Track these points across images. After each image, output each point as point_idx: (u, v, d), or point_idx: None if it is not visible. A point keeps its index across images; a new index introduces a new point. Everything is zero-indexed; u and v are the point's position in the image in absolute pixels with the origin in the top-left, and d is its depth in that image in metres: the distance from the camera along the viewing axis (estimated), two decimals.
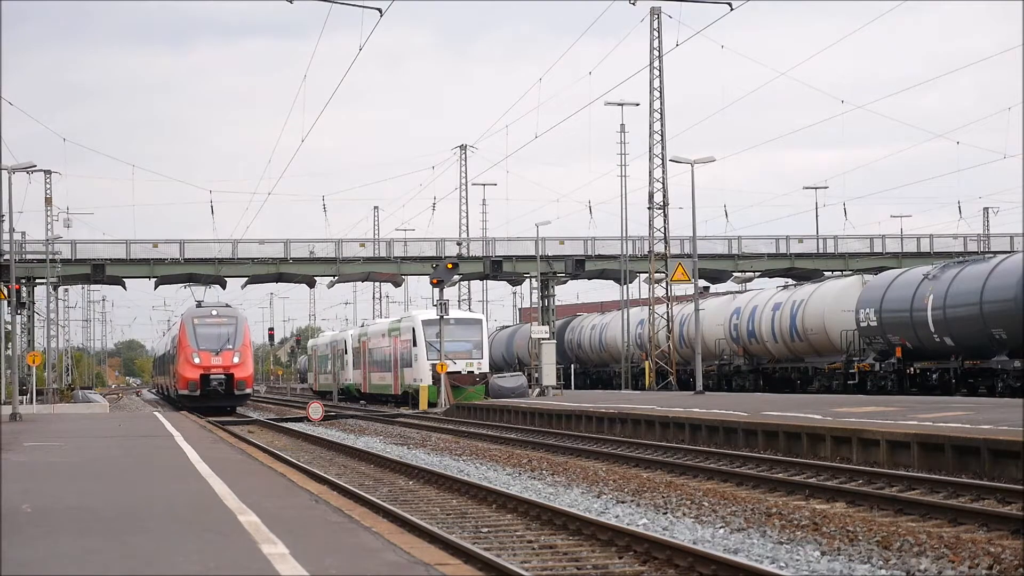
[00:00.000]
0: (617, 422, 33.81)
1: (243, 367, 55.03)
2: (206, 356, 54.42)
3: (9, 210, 49.71)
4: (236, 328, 55.48)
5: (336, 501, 13.83)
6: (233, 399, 55.43)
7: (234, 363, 54.58)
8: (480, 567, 11.37)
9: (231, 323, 55.59)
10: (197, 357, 54.26)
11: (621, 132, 69.11)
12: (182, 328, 56.18)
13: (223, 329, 55.12)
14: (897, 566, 12.41)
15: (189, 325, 55.39)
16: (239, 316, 56.86)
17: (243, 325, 56.25)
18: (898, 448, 21.63)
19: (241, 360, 54.97)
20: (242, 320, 56.69)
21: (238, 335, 55.28)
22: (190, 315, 56.60)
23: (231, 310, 57.64)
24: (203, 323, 55.30)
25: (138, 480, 17.24)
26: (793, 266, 77.88)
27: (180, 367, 55.65)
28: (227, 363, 54.47)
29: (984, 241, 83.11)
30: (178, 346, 57.07)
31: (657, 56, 57.53)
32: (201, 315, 56.23)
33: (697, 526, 15.25)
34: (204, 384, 54.07)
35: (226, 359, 54.54)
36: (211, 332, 54.94)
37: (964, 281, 40.25)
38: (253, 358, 59.57)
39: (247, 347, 56.02)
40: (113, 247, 76.17)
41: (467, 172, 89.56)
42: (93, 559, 9.91)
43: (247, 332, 56.36)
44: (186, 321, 56.10)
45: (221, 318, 55.80)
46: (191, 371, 54.27)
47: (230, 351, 54.69)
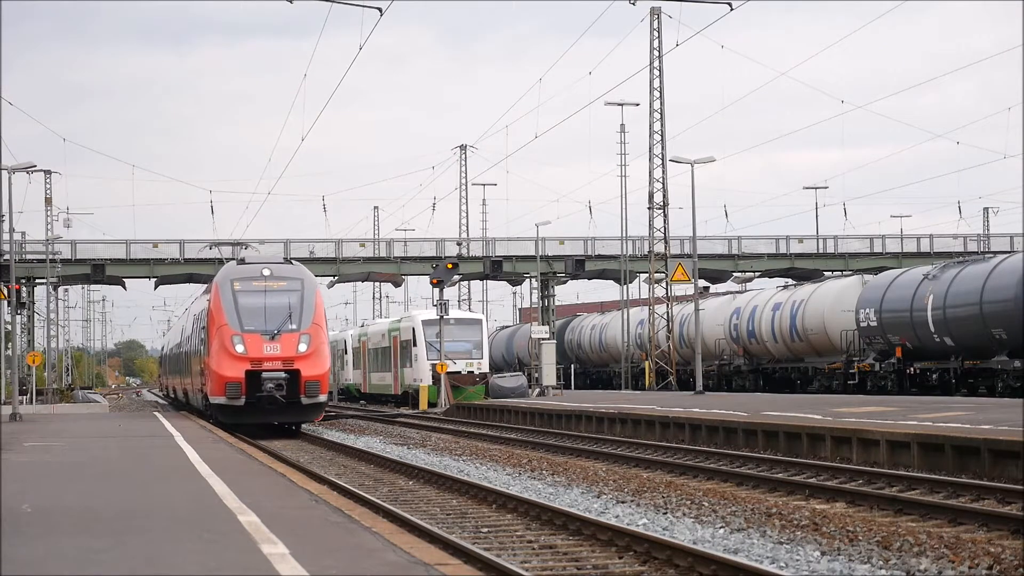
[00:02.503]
0: (617, 422, 33.80)
1: (315, 359, 35.18)
2: (255, 342, 34.86)
3: (9, 210, 49.72)
4: (303, 297, 35.83)
5: (336, 501, 13.83)
6: (299, 411, 35.42)
7: (300, 352, 34.91)
8: (480, 567, 11.36)
9: (294, 288, 36.08)
10: (240, 344, 34.81)
11: (621, 132, 69.14)
12: (215, 298, 36.14)
13: (282, 298, 35.81)
14: (897, 566, 12.40)
15: (227, 292, 35.79)
16: (305, 278, 36.75)
17: (313, 293, 36.34)
18: (898, 448, 21.62)
19: (312, 348, 35.12)
20: (311, 285, 36.56)
21: (306, 308, 35.62)
22: (229, 276, 36.36)
23: (294, 269, 37.28)
24: (250, 289, 35.87)
25: (138, 480, 17.24)
26: (793, 266, 77.87)
27: (213, 360, 35.35)
28: (289, 353, 34.87)
29: (984, 241, 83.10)
30: (208, 327, 36.37)
31: (657, 56, 57.52)
32: (246, 276, 36.26)
33: (697, 526, 15.24)
34: (252, 387, 34.55)
35: (288, 346, 35.02)
36: (263, 304, 35.72)
37: (964, 281, 40.24)
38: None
39: (320, 328, 35.78)
40: (113, 247, 76.18)
41: (467, 172, 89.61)
42: (93, 559, 9.91)
43: (319, 304, 36.35)
44: (222, 286, 36.05)
45: (279, 280, 36.34)
46: (231, 367, 34.74)
47: (294, 333, 35.09)
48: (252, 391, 34.47)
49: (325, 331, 35.96)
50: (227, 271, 36.86)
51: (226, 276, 36.41)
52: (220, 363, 34.91)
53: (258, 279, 36.03)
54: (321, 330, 35.52)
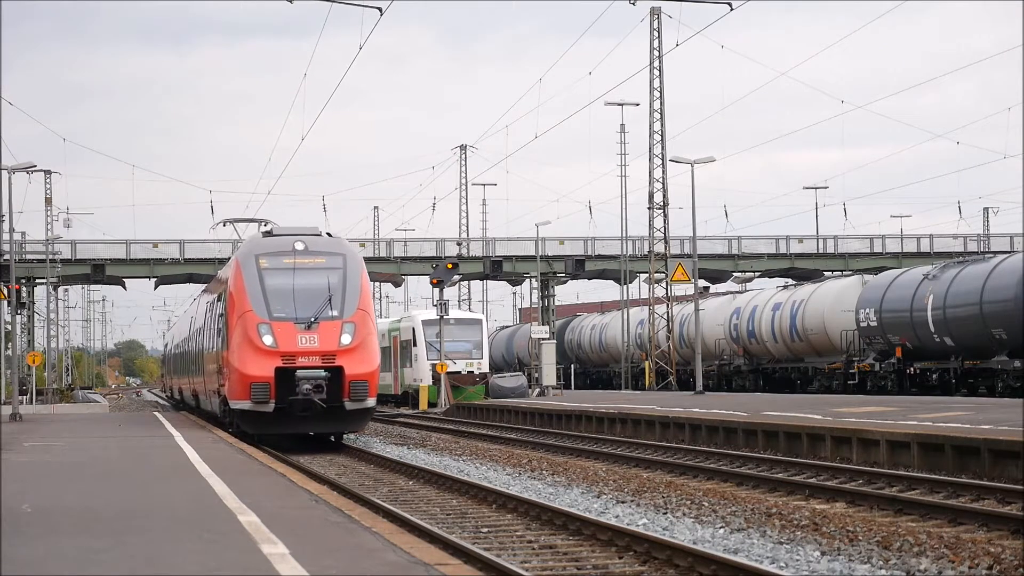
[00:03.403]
0: (617, 422, 33.80)
1: (361, 354, 28.59)
2: (287, 333, 28.21)
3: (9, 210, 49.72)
4: (345, 276, 29.17)
5: (336, 501, 13.83)
6: (341, 418, 28.77)
7: (343, 345, 28.28)
8: (480, 567, 11.36)
9: (335, 265, 29.40)
10: (269, 335, 28.16)
11: (621, 132, 69.16)
12: (237, 278, 29.27)
13: (320, 277, 29.08)
14: (897, 566, 12.40)
15: (251, 271, 29.01)
16: (348, 253, 30.05)
17: (358, 271, 29.55)
18: (898, 448, 21.62)
19: (357, 340, 28.47)
20: (355, 262, 29.84)
21: (349, 289, 29.00)
22: (253, 251, 29.54)
23: (334, 242, 30.43)
24: (279, 266, 29.13)
25: (138, 480, 17.24)
26: (793, 266, 77.88)
27: (234, 356, 28.67)
28: (330, 345, 28.26)
29: (984, 241, 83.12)
30: (228, 314, 29.61)
31: (657, 56, 57.53)
32: (275, 251, 29.45)
33: (697, 526, 15.24)
34: (284, 389, 27.95)
35: (327, 338, 28.31)
36: (296, 284, 29.02)
37: (964, 281, 40.25)
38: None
39: (367, 315, 29.18)
40: (113, 247, 76.20)
41: (467, 172, 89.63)
42: (93, 559, 9.91)
43: (365, 285, 29.68)
44: (245, 263, 29.27)
45: (315, 255, 29.54)
46: (257, 363, 28.05)
47: (335, 321, 28.48)
48: (283, 394, 27.51)
49: (373, 319, 29.10)
50: (251, 245, 29.61)
51: (250, 251, 29.10)
52: (243, 359, 27.81)
53: (290, 254, 28.96)
54: (368, 317, 28.60)
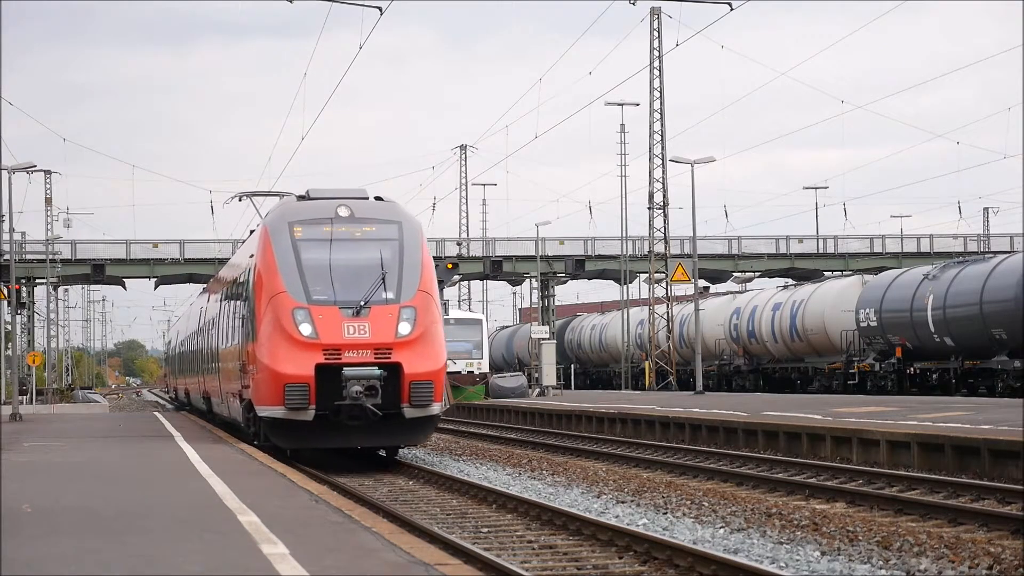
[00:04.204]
0: (617, 422, 33.80)
1: (424, 347, 22.74)
2: (331, 321, 22.46)
3: (9, 210, 49.77)
4: (402, 249, 23.44)
5: (336, 501, 13.83)
6: (400, 429, 22.98)
7: (401, 336, 22.51)
8: (480, 567, 11.36)
9: (389, 235, 23.62)
10: (308, 324, 22.40)
11: (621, 132, 69.15)
12: (265, 252, 23.53)
13: (371, 250, 23.35)
14: (897, 566, 12.40)
15: (283, 243, 23.30)
16: (405, 220, 24.05)
17: (418, 243, 23.75)
18: (898, 448, 21.63)
19: (419, 329, 22.67)
20: (414, 231, 23.91)
21: (407, 266, 23.26)
22: (286, 218, 23.74)
23: (387, 207, 24.32)
24: (319, 236, 23.40)
25: (138, 480, 17.24)
26: (793, 266, 77.89)
27: (263, 349, 22.81)
28: (385, 336, 22.48)
29: (984, 241, 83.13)
30: (255, 297, 23.68)
31: (657, 56, 57.52)
32: (314, 217, 23.68)
33: (697, 526, 15.25)
34: (327, 391, 22.15)
35: (382, 327, 22.54)
36: (341, 260, 23.18)
37: (964, 281, 40.25)
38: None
39: (431, 298, 23.30)
40: (113, 247, 76.20)
41: (467, 172, 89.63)
42: (93, 559, 9.91)
43: (427, 261, 23.73)
44: (275, 234, 23.51)
45: (365, 223, 23.73)
46: (293, 359, 22.29)
47: (391, 306, 22.72)
48: (326, 398, 21.74)
49: (438, 303, 23.28)
50: (283, 211, 23.64)
51: (282, 218, 23.29)
52: (275, 353, 22.00)
53: (332, 221, 23.10)
54: (432, 301, 22.74)
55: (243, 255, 27.39)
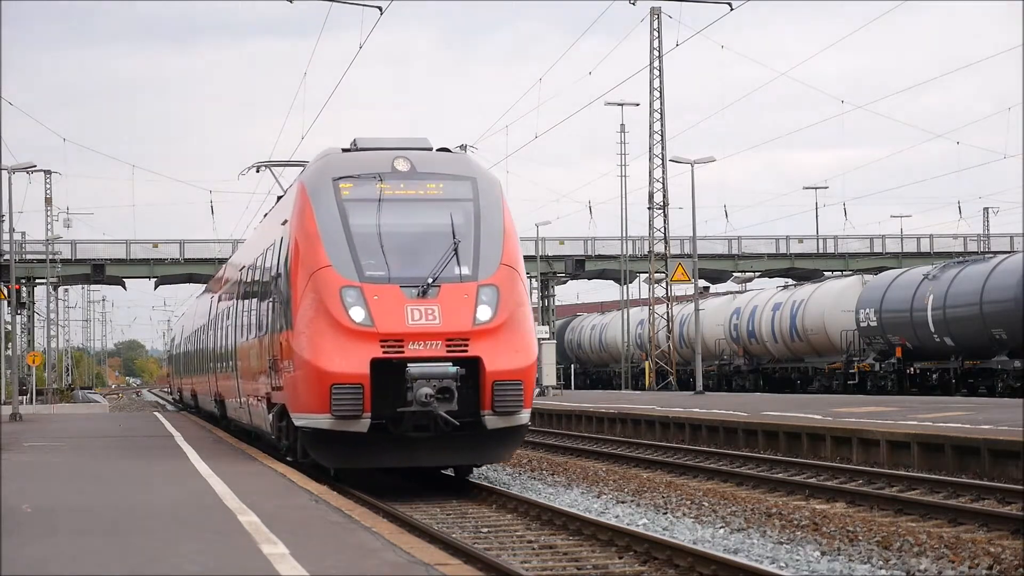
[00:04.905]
0: (617, 422, 33.80)
1: (509, 337, 17.83)
2: (390, 302, 17.60)
3: (9, 210, 49.80)
4: (477, 212, 18.68)
5: (336, 501, 13.82)
6: (480, 443, 17.94)
7: (480, 323, 17.68)
8: (480, 567, 11.36)
9: (461, 195, 18.87)
10: (360, 307, 17.54)
11: (621, 132, 69.23)
12: (302, 216, 18.53)
13: (438, 214, 18.61)
14: (897, 566, 12.41)
15: (327, 203, 18.44)
16: (479, 176, 19.23)
17: (498, 206, 18.97)
18: (898, 448, 21.63)
19: (503, 315, 17.83)
20: (491, 190, 19.06)
21: (486, 234, 18.52)
22: (329, 174, 18.79)
23: (456, 159, 19.67)
24: (372, 196, 18.56)
25: (138, 480, 17.24)
26: (793, 266, 77.93)
27: (302, 341, 17.83)
28: (459, 324, 17.61)
29: (984, 241, 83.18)
30: (290, 274, 18.52)
31: (657, 56, 57.53)
32: (366, 171, 18.80)
33: (697, 526, 15.25)
34: (385, 394, 17.31)
35: (455, 312, 17.68)
36: (400, 226, 18.49)
37: (964, 281, 40.27)
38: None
39: (516, 273, 18.44)
40: (113, 247, 76.24)
41: None
42: (93, 559, 9.91)
43: (510, 228, 18.89)
44: (316, 193, 18.61)
45: (429, 180, 18.92)
46: (341, 352, 17.39)
47: (466, 285, 17.93)
48: (385, 402, 17.26)
49: (524, 281, 18.61)
50: (326, 164, 18.98)
51: (324, 173, 18.73)
52: (318, 345, 17.44)
53: (389, 177, 18.62)
54: (518, 279, 18.27)
55: (271, 225, 22.01)
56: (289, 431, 19.10)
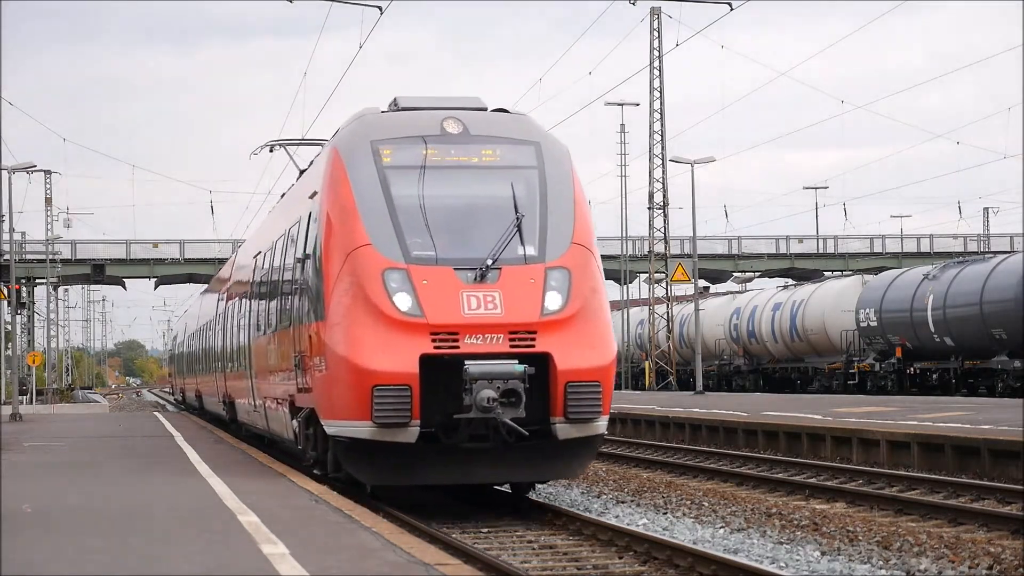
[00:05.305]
0: (617, 422, 33.79)
1: (584, 330, 15.21)
2: (442, 288, 14.98)
3: (9, 210, 49.85)
4: (543, 182, 15.93)
5: (336, 501, 13.82)
6: (552, 456, 15.34)
7: (549, 313, 15.04)
8: (480, 567, 11.36)
9: (523, 162, 16.14)
10: (406, 293, 14.89)
11: (621, 132, 69.25)
12: (337, 184, 15.77)
13: (497, 184, 15.92)
14: (897, 566, 12.41)
15: (365, 171, 15.72)
16: (544, 141, 16.40)
17: (567, 176, 16.13)
18: (898, 448, 21.63)
19: (575, 304, 15.18)
20: (558, 157, 16.26)
21: (554, 208, 15.77)
22: (368, 134, 16.12)
23: (516, 120, 16.77)
24: (418, 162, 15.85)
25: (138, 480, 17.23)
26: (793, 266, 77.96)
27: (336, 334, 15.10)
28: (523, 313, 14.97)
29: (984, 241, 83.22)
30: (323, 254, 15.69)
31: (657, 56, 57.54)
32: (411, 134, 16.12)
33: (697, 526, 15.25)
34: (437, 397, 14.73)
35: (518, 298, 15.05)
36: (453, 198, 15.90)
37: (964, 281, 40.28)
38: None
39: (589, 252, 15.69)
40: (113, 247, 76.29)
41: None
42: (93, 559, 9.91)
43: (580, 200, 16.07)
44: (351, 159, 15.86)
45: (485, 145, 16.18)
46: (384, 347, 14.70)
47: (532, 267, 15.30)
48: (437, 407, 14.83)
49: (599, 262, 16.03)
50: (363, 126, 16.41)
51: (362, 135, 16.19)
52: (357, 338, 14.93)
53: (438, 141, 16.09)
54: (591, 259, 15.75)
55: (294, 201, 19.30)
56: (318, 440, 16.42)
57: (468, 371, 14.45)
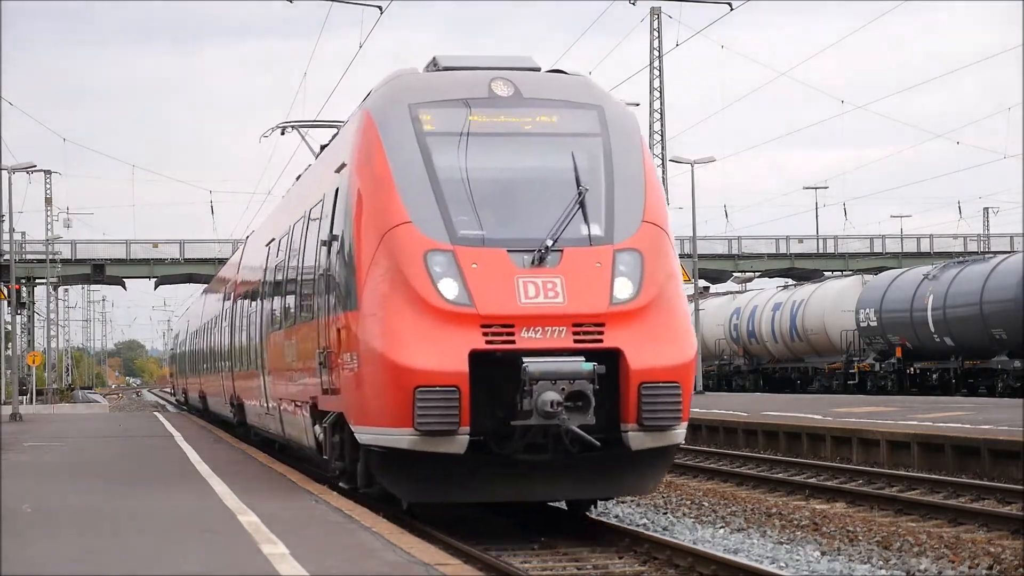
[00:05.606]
0: None
1: (659, 321, 13.22)
2: (495, 272, 13.03)
3: (9, 210, 49.89)
4: (608, 152, 13.96)
5: (336, 501, 13.81)
6: (623, 468, 13.37)
7: (618, 303, 13.05)
8: (480, 567, 11.35)
9: (584, 129, 14.15)
10: (452, 278, 12.95)
11: None
12: (371, 153, 13.74)
13: (555, 155, 13.97)
14: (897, 566, 12.41)
15: (404, 138, 13.74)
16: (606, 104, 14.43)
17: (635, 144, 14.20)
18: (898, 448, 21.63)
19: (649, 292, 13.21)
20: (623, 123, 14.34)
21: (620, 180, 13.80)
22: (404, 97, 14.13)
23: (574, 82, 14.82)
24: (463, 128, 13.88)
25: (138, 480, 17.23)
26: (793, 266, 77.96)
27: (371, 327, 13.07)
28: (588, 303, 12.99)
29: (984, 241, 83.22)
30: (353, 232, 13.69)
31: (657, 56, 57.54)
32: (454, 97, 14.15)
33: (697, 526, 15.25)
34: (487, 401, 12.76)
35: (583, 286, 13.07)
36: (505, 169, 14.07)
37: (964, 281, 40.28)
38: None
39: (663, 232, 13.78)
40: (113, 247, 76.28)
41: None
42: (93, 559, 9.91)
43: (651, 172, 14.15)
44: (387, 125, 13.85)
45: (540, 109, 14.21)
46: (427, 342, 12.75)
47: (598, 250, 13.33)
48: (488, 412, 12.95)
49: (671, 242, 14.18)
50: (400, 87, 14.53)
51: (397, 99, 14.30)
52: (395, 331, 13.05)
53: (485, 104, 14.20)
54: (666, 241, 13.97)
55: (317, 177, 17.22)
56: (346, 449, 14.48)
57: (527, 370, 12.45)
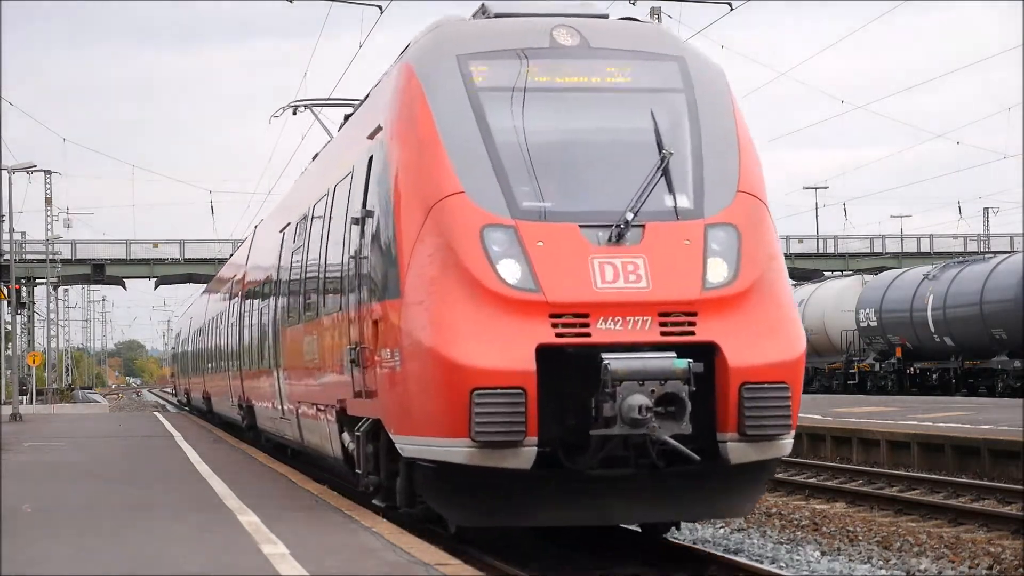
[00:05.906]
0: None
1: (760, 309, 10.86)
2: (565, 252, 10.71)
3: (9, 210, 49.88)
4: (695, 111, 11.63)
5: (336, 501, 13.81)
6: (719, 486, 10.94)
7: (712, 287, 10.74)
8: (480, 567, 11.35)
9: (664, 84, 11.85)
10: (513, 259, 10.64)
11: None
12: (415, 112, 11.36)
13: (632, 114, 11.72)
14: (897, 566, 12.41)
15: (453, 94, 11.38)
16: (689, 55, 12.10)
17: (725, 104, 11.88)
18: (898, 448, 21.63)
19: (749, 274, 10.89)
20: (710, 75, 12.06)
21: (708, 143, 11.48)
22: (452, 48, 11.75)
23: (648, 30, 12.86)
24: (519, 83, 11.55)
25: (138, 480, 17.23)
26: (793, 266, 77.94)
27: (417, 318, 10.72)
28: (677, 289, 10.68)
29: (984, 241, 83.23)
30: (392, 206, 11.28)
31: None
32: (511, 47, 11.76)
33: (697, 526, 15.25)
34: (558, 405, 10.45)
35: (669, 267, 10.76)
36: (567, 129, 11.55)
37: (964, 281, 40.28)
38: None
39: (760, 203, 11.39)
40: (113, 247, 76.31)
41: None
42: (93, 559, 9.91)
43: (743, 132, 11.69)
44: (431, 80, 11.49)
45: (610, 60, 11.81)
46: (485, 335, 10.41)
47: (685, 224, 11.01)
48: (558, 418, 10.59)
49: (769, 216, 11.69)
50: (445, 36, 12.16)
51: (444, 49, 11.93)
52: (446, 323, 10.65)
53: (546, 55, 11.85)
54: (766, 214, 11.59)
55: (343, 147, 15.17)
56: (383, 461, 12.33)
57: (610, 368, 10.28)
